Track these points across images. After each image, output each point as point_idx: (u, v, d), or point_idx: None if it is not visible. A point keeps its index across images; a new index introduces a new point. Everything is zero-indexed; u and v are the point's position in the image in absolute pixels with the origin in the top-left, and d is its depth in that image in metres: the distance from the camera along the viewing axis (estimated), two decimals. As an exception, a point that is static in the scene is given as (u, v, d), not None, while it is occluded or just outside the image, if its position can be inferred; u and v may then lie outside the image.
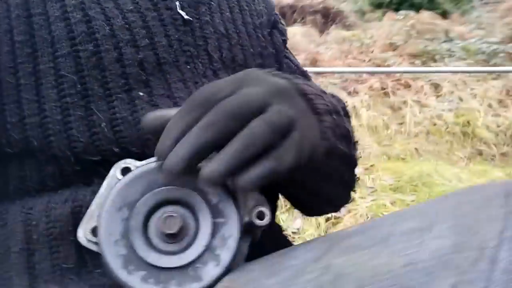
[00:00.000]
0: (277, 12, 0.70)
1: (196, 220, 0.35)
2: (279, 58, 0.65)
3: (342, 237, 0.35)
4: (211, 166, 0.32)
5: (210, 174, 0.32)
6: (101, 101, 0.46)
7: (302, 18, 6.35)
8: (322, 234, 2.72)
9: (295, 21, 6.33)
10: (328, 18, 6.42)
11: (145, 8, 0.50)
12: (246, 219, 0.36)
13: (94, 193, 0.41)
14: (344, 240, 0.34)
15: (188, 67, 0.51)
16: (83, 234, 0.37)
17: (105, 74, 0.46)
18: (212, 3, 0.57)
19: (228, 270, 0.34)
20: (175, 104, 0.49)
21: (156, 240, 0.35)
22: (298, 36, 5.99)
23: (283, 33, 0.68)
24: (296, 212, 0.73)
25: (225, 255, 0.34)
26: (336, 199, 0.62)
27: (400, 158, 3.89)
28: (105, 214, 0.36)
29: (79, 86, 0.45)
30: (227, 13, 0.58)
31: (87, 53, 0.46)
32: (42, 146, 0.45)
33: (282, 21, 0.70)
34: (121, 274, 0.34)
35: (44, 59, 0.46)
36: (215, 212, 0.35)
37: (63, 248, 0.44)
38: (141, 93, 0.48)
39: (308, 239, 2.65)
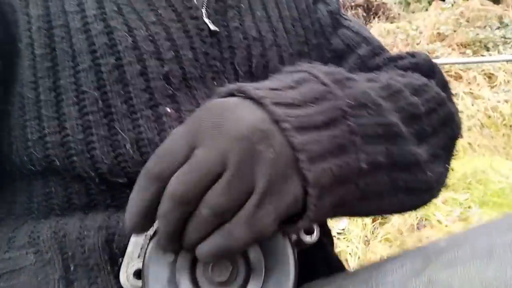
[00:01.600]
0: None
1: (247, 261, 0.33)
2: (325, 35, 0.59)
3: (436, 250, 0.34)
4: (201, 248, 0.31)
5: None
6: (125, 119, 0.43)
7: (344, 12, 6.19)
8: (369, 234, 2.63)
9: (336, 16, 6.18)
10: (370, 11, 6.22)
11: (168, 19, 0.47)
12: (294, 236, 0.33)
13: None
14: (441, 254, 0.33)
15: (215, 83, 0.48)
16: (125, 279, 0.35)
17: (128, 89, 0.44)
18: (242, 5, 0.53)
19: None
20: None
21: (204, 284, 0.33)
22: (339, 32, 5.86)
23: (328, 3, 0.62)
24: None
25: None
26: (402, 206, 0.46)
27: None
28: (150, 258, 0.33)
29: (101, 103, 0.43)
30: (259, 12, 0.54)
31: (108, 66, 0.44)
32: (65, 166, 0.43)
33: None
34: None
35: (64, 73, 0.44)
36: (267, 254, 0.33)
37: (101, 280, 0.41)
38: (168, 109, 0.45)
39: (354, 240, 2.56)
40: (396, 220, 2.72)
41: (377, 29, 5.74)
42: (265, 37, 0.52)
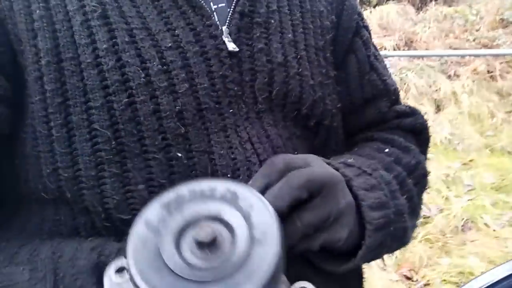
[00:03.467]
0: (360, 10, 0.60)
1: (234, 239, 0.30)
2: (362, 78, 0.57)
3: None
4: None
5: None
6: (137, 158, 0.42)
7: (398, -5, 5.88)
8: (409, 234, 2.52)
9: (389, -1, 5.89)
10: (427, -6, 5.87)
11: (186, 42, 0.44)
12: None
13: (122, 249, 0.39)
14: None
15: (231, 110, 0.46)
16: (109, 279, 0.32)
17: (141, 129, 0.42)
18: (272, 21, 0.49)
19: None
20: (212, 163, 0.44)
21: (188, 254, 0.30)
22: (392, 15, 5.59)
23: (367, 43, 0.59)
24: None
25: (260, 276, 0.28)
26: (392, 248, 0.54)
27: (506, 152, 3.45)
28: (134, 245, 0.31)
29: (113, 142, 0.42)
30: (289, 35, 0.50)
31: (121, 105, 0.42)
32: (75, 198, 0.43)
33: (366, 22, 0.60)
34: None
35: (76, 109, 0.42)
36: (253, 227, 0.31)
37: None
38: (179, 154, 0.43)
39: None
40: (439, 221, 2.59)
41: (433, 13, 5.41)
42: (289, 64, 0.49)
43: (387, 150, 0.53)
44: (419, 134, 0.59)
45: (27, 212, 0.47)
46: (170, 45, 0.44)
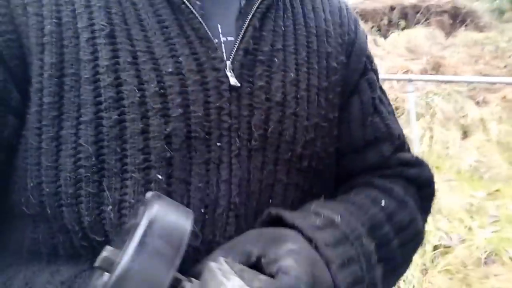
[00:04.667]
0: (369, 53, 0.59)
1: None
2: (364, 120, 0.56)
3: None
4: None
5: None
6: (115, 177, 0.42)
7: (427, 19, 5.82)
8: (427, 263, 2.43)
9: (418, 22, 5.84)
10: (457, 19, 5.79)
11: (187, 70, 0.44)
12: None
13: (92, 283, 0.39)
14: None
15: (219, 144, 0.45)
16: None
17: (125, 147, 0.42)
18: (275, 60, 0.49)
19: None
20: (187, 194, 0.44)
21: None
22: (420, 38, 5.54)
23: (373, 86, 0.57)
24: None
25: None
26: None
27: (535, 183, 3.31)
28: None
29: (94, 158, 0.42)
30: (292, 74, 0.50)
31: (110, 121, 0.42)
32: (55, 215, 0.43)
33: (374, 65, 0.60)
34: None
35: (67, 123, 0.42)
36: None
37: None
38: (159, 176, 0.43)
39: (412, 267, 2.39)
40: (461, 251, 2.48)
41: (463, 38, 5.33)
42: (287, 104, 0.49)
43: (382, 203, 0.51)
44: (422, 187, 0.57)
45: (8, 229, 0.47)
46: (170, 70, 0.44)
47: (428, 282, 2.33)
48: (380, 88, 0.60)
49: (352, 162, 0.57)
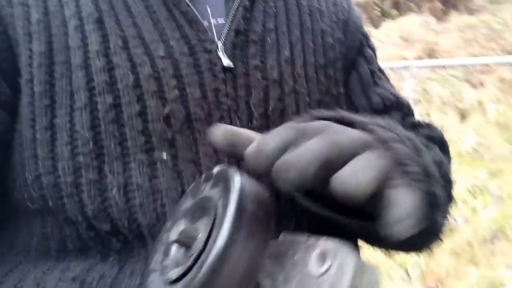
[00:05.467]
0: (364, 31, 0.60)
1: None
2: (367, 92, 0.56)
3: None
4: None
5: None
6: (116, 161, 0.41)
7: (418, 6, 5.84)
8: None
9: (409, 10, 5.85)
10: (448, 4, 5.80)
11: (179, 53, 0.44)
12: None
13: (105, 275, 0.39)
14: None
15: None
16: None
17: (123, 131, 0.41)
18: (268, 40, 0.49)
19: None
20: (200, 174, 0.43)
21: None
22: (413, 26, 5.54)
23: (370, 60, 0.58)
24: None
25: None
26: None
27: (536, 160, 3.32)
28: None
29: (92, 144, 0.41)
30: (286, 52, 0.50)
31: (105, 106, 0.41)
32: (57, 207, 0.41)
33: (370, 42, 0.60)
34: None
35: (61, 111, 0.42)
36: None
37: None
38: (164, 155, 0.42)
39: (417, 249, 2.40)
40: (466, 231, 2.50)
41: (456, 23, 5.34)
42: (285, 82, 0.48)
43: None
44: (439, 144, 0.55)
45: (14, 228, 0.46)
46: (162, 54, 0.44)
47: (435, 263, 2.34)
48: (378, 65, 0.60)
49: None
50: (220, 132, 0.34)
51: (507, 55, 4.40)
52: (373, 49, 0.60)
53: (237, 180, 0.28)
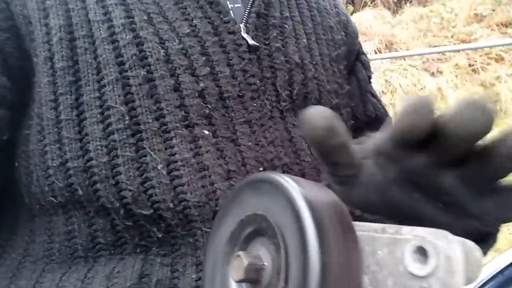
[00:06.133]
0: (356, 31, 0.62)
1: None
2: (364, 96, 0.57)
3: None
4: None
5: None
6: (156, 137, 0.38)
7: (373, 1, 6.01)
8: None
9: (365, 5, 6.01)
10: (401, -3, 6.01)
11: (204, 32, 0.43)
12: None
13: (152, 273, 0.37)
14: None
15: (254, 104, 0.43)
16: None
17: (160, 106, 0.39)
18: (286, 26, 0.49)
19: None
20: (240, 154, 0.41)
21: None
22: (369, 20, 5.69)
23: (366, 67, 0.60)
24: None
25: None
26: None
27: (497, 140, 3.49)
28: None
29: (128, 119, 0.38)
30: (304, 40, 0.50)
31: (138, 79, 0.39)
32: (88, 195, 0.38)
33: (365, 52, 0.63)
34: None
35: (88, 88, 0.39)
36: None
37: None
38: (205, 131, 0.40)
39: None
40: None
41: (409, 15, 5.53)
42: (306, 66, 0.48)
43: None
44: None
45: (30, 232, 0.42)
46: (187, 31, 0.42)
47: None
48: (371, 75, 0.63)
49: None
50: (320, 112, 0.27)
51: (460, 43, 4.61)
52: (367, 57, 0.62)
53: (295, 188, 0.22)
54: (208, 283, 0.26)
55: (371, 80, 0.61)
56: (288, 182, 0.23)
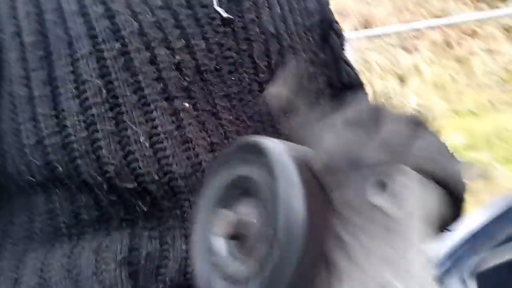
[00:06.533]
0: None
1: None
2: (338, 64, 0.57)
3: None
4: None
5: None
6: (135, 110, 0.38)
7: (349, -21, 6.00)
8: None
9: (341, -16, 6.00)
10: (376, -26, 6.01)
11: (176, 4, 0.42)
12: None
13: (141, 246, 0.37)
14: None
15: (232, 78, 0.43)
16: None
17: (138, 78, 0.38)
18: None
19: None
20: (222, 127, 0.42)
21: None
22: (346, -1, 5.69)
23: (340, 35, 0.59)
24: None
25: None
26: None
27: (472, 113, 3.57)
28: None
29: (105, 92, 0.37)
30: (277, 9, 0.49)
31: (113, 52, 0.38)
32: (69, 172, 0.37)
33: (337, 21, 0.63)
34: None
35: (60, 62, 0.38)
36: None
37: None
38: (186, 104, 0.40)
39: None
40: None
41: (385, -7, 5.55)
42: (282, 36, 0.48)
43: None
44: None
45: (8, 213, 0.42)
46: (160, 4, 0.42)
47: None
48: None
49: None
50: (278, 89, 0.29)
51: (435, 19, 4.65)
52: (339, 25, 0.62)
53: (278, 151, 0.24)
54: (198, 245, 0.27)
55: (344, 48, 0.62)
56: (273, 143, 0.25)
